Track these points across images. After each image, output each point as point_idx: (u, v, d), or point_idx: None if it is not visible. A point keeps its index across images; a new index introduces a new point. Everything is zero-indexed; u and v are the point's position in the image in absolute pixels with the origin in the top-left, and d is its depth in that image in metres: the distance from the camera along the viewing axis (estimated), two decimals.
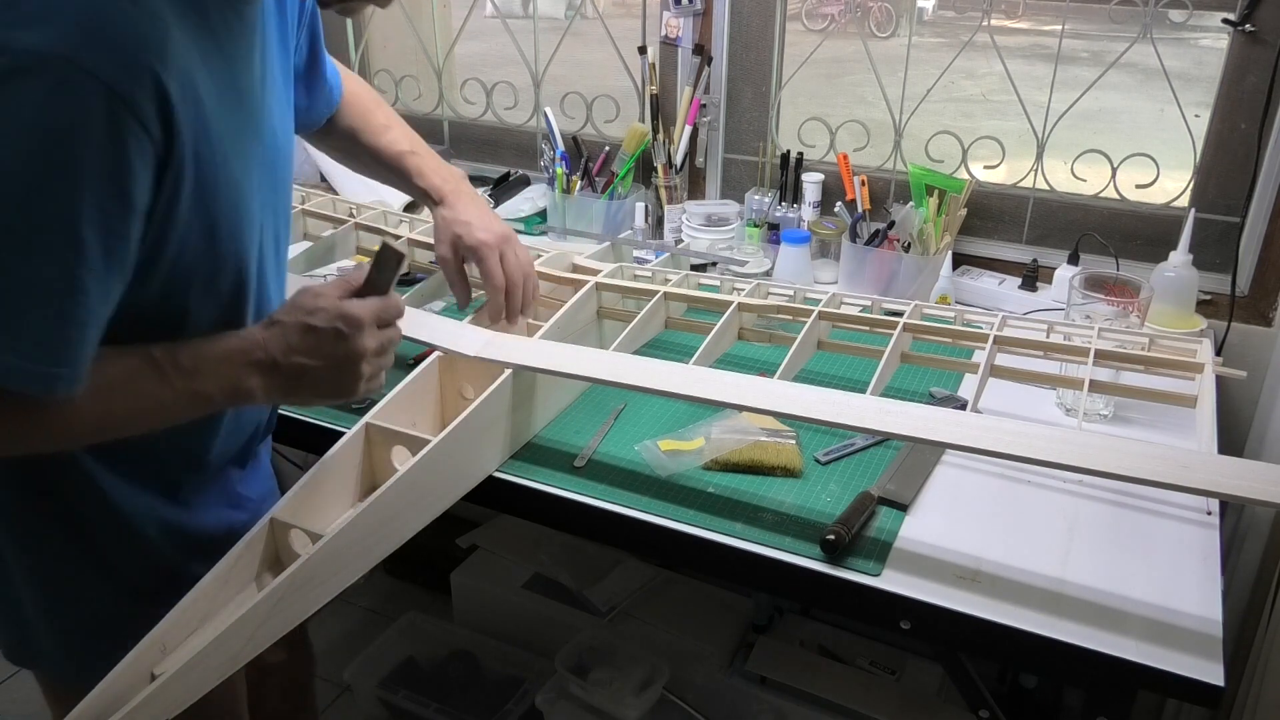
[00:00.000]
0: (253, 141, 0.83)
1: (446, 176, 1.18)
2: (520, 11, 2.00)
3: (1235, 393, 1.45)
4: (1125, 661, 0.82)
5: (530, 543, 1.97)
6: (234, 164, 0.79)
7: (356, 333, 0.83)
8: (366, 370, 0.85)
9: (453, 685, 1.85)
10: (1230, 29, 1.43)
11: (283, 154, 0.91)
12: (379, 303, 0.85)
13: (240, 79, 0.80)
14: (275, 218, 0.90)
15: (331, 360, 0.83)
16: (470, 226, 1.13)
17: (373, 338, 0.85)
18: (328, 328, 0.82)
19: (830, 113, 1.77)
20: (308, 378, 0.83)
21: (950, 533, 0.99)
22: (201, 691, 0.75)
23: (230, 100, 0.78)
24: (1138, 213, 1.59)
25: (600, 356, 1.08)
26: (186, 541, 0.93)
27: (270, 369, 0.82)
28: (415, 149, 1.18)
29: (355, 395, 0.87)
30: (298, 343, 0.82)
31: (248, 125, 0.82)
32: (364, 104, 1.18)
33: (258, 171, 0.84)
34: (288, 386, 0.83)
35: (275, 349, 0.82)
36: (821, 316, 1.18)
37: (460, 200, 1.16)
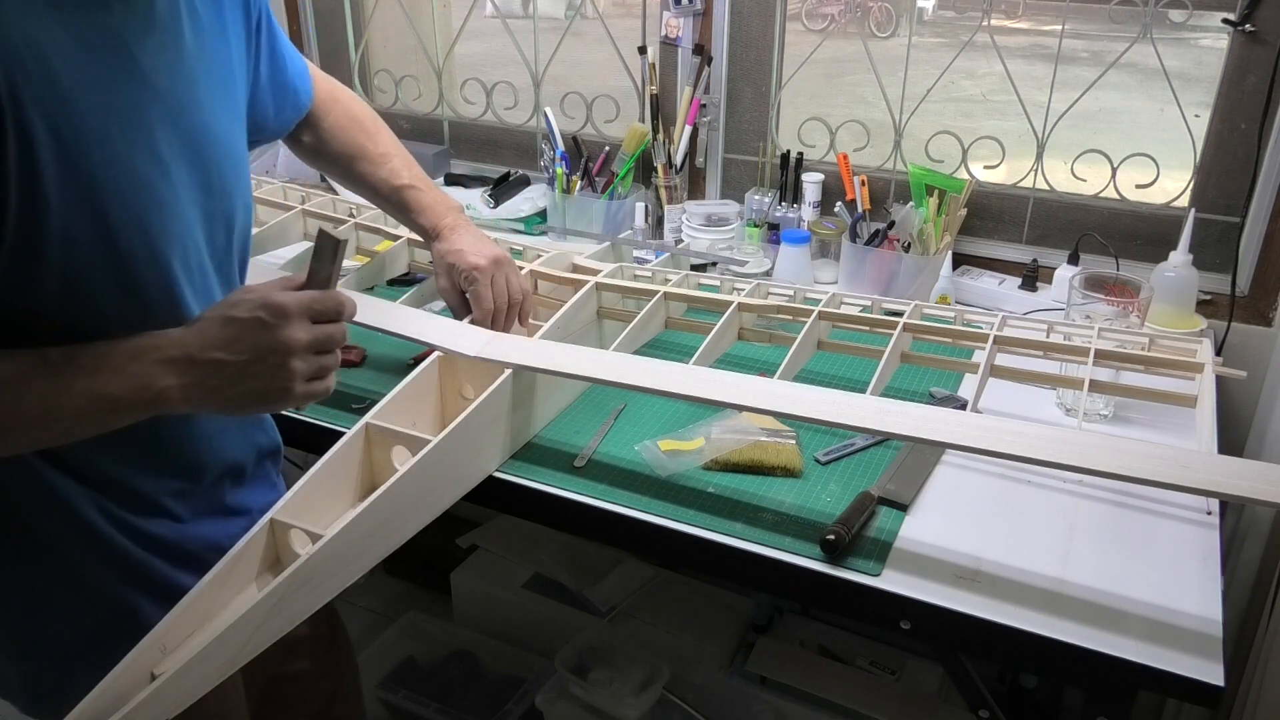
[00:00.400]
0: (164, 128, 0.78)
1: (443, 212, 1.17)
2: (520, 11, 2.00)
3: (1235, 393, 1.45)
4: (1125, 661, 0.82)
5: (530, 543, 1.97)
6: (125, 148, 0.74)
7: (282, 322, 0.77)
8: (299, 366, 0.78)
9: (453, 685, 1.85)
10: (1230, 29, 1.43)
11: (217, 152, 0.85)
12: (312, 294, 0.80)
13: (133, 59, 0.76)
14: (213, 222, 0.86)
15: (254, 353, 0.77)
16: (463, 253, 1.13)
17: (302, 330, 0.78)
18: (249, 317, 0.76)
19: (830, 113, 1.77)
20: (230, 375, 0.76)
21: (950, 533, 0.99)
22: (202, 691, 0.75)
23: (116, 79, 0.74)
24: (1138, 213, 1.59)
25: (600, 356, 1.08)
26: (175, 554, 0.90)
27: (186, 366, 0.75)
28: (415, 182, 1.17)
29: (291, 397, 0.80)
30: (216, 336, 0.76)
31: (150, 109, 0.77)
32: (365, 130, 1.16)
33: (178, 164, 0.80)
34: (209, 387, 0.77)
35: (191, 344, 0.76)
36: (821, 316, 1.18)
37: (455, 233, 1.16)
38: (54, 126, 0.69)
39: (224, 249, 0.90)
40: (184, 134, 0.81)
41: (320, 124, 1.15)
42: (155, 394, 0.75)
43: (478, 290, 1.13)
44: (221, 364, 0.76)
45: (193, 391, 0.76)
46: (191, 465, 0.91)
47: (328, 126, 1.15)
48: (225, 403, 0.79)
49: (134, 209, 0.75)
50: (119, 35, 0.75)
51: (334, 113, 1.15)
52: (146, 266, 0.78)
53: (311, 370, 0.80)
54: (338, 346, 0.83)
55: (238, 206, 0.90)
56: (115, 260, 0.76)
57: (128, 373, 0.74)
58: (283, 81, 1.05)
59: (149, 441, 0.86)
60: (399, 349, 1.31)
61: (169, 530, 0.90)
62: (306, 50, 2.19)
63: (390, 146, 1.18)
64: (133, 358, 0.75)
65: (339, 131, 1.15)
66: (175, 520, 0.91)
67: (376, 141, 1.17)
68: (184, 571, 0.90)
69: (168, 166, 0.78)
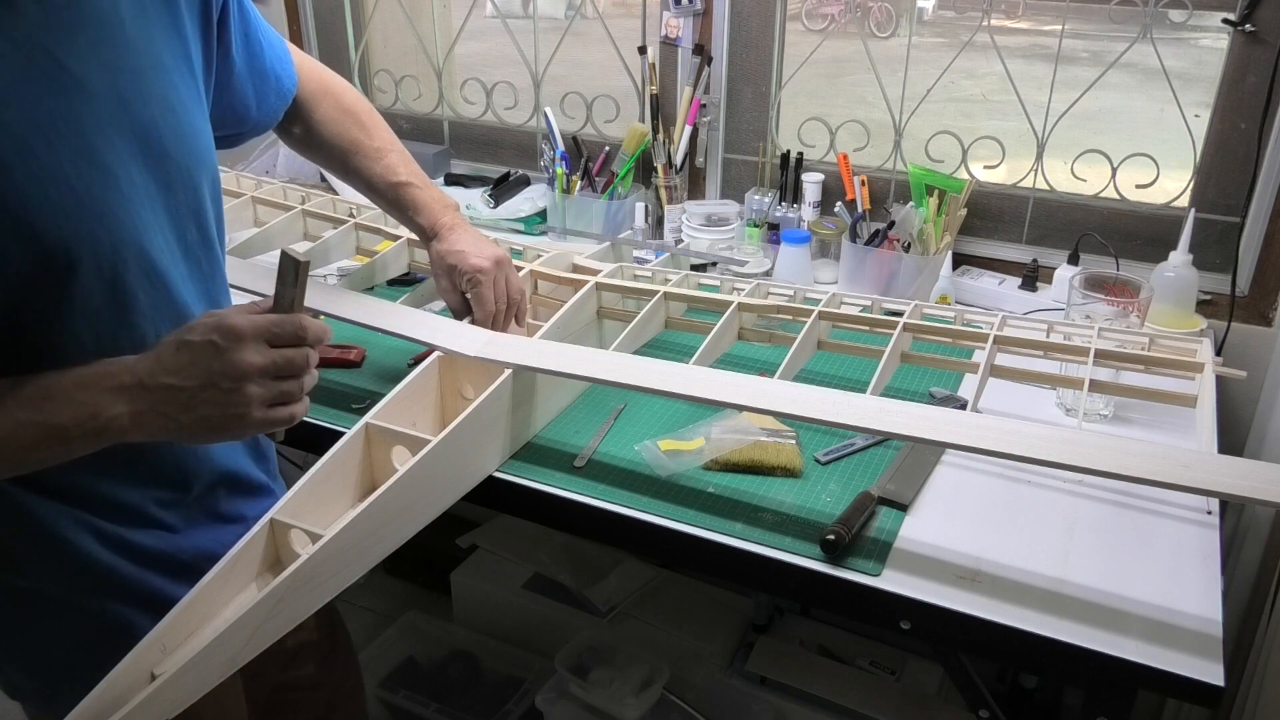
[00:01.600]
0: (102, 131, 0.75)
1: (440, 211, 1.15)
2: (520, 11, 2.00)
3: (1235, 393, 1.45)
4: (1125, 661, 0.82)
5: (530, 543, 1.97)
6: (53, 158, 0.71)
7: (235, 345, 0.74)
8: (254, 392, 0.75)
9: (453, 685, 1.85)
10: (1230, 29, 1.43)
11: (174, 145, 0.81)
12: (270, 317, 0.77)
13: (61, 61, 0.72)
14: (177, 217, 0.83)
15: (207, 378, 0.74)
16: (464, 255, 1.12)
17: (258, 354, 0.75)
18: (201, 340, 0.74)
19: (830, 113, 1.77)
20: (182, 402, 0.74)
21: (950, 533, 0.99)
22: (201, 691, 0.75)
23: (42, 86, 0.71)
24: (1138, 213, 1.59)
25: (600, 356, 1.08)
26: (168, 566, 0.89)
27: (136, 393, 0.73)
28: (412, 179, 1.14)
29: (247, 424, 0.77)
30: (168, 361, 0.74)
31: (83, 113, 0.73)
32: (358, 122, 1.13)
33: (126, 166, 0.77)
34: (161, 414, 0.74)
35: (142, 370, 0.74)
36: (821, 316, 1.18)
37: (454, 233, 1.15)
38: None
39: (199, 242, 0.87)
40: (133, 132, 0.77)
41: (311, 115, 1.12)
42: (104, 422, 0.73)
43: (480, 292, 1.12)
44: (173, 389, 0.74)
45: (144, 419, 0.74)
46: (178, 475, 0.90)
47: (319, 118, 1.12)
48: (178, 430, 0.76)
49: (69, 222, 0.72)
50: (37, 41, 0.71)
51: (325, 104, 1.12)
52: (91, 277, 0.75)
53: (270, 396, 0.77)
54: (301, 372, 0.79)
55: (205, 195, 0.86)
56: (54, 275, 0.73)
57: (76, 402, 0.72)
58: (260, 68, 1.01)
59: (129, 453, 0.83)
60: (399, 349, 1.31)
61: (161, 541, 0.88)
62: (307, 50, 2.19)
63: (386, 141, 1.15)
64: (82, 386, 0.73)
65: (331, 123, 1.12)
66: (167, 530, 0.89)
67: (372, 135, 1.14)
68: (178, 584, 0.87)
69: (112, 171, 0.75)
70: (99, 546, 0.84)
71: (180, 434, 0.77)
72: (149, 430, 0.75)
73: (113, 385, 0.73)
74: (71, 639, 0.87)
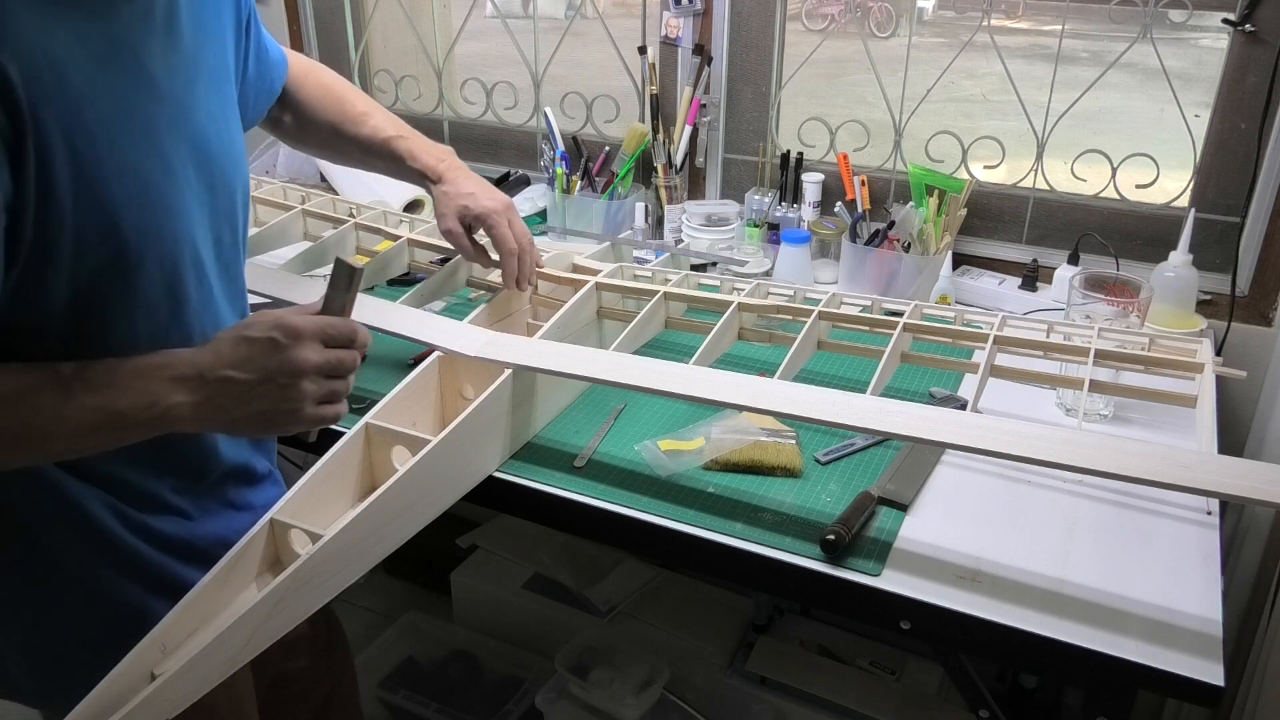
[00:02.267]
0: (170, 132, 0.78)
1: (439, 155, 1.17)
2: (520, 11, 2.00)
3: (1235, 393, 1.45)
4: (1125, 661, 0.82)
5: (530, 543, 1.97)
6: (135, 155, 0.75)
7: (294, 343, 0.77)
8: (310, 389, 0.78)
9: (453, 685, 1.85)
10: (1230, 29, 1.43)
11: (219, 150, 0.86)
12: (327, 319, 0.80)
13: (139, 64, 0.76)
14: (217, 218, 0.86)
15: (265, 373, 0.77)
16: (475, 197, 1.14)
17: (315, 352, 0.78)
18: (262, 337, 0.77)
19: (830, 113, 1.77)
20: (240, 394, 0.76)
21: (950, 533, 0.99)
22: (201, 691, 0.75)
23: (124, 86, 0.74)
24: (1138, 213, 1.59)
25: (600, 356, 1.08)
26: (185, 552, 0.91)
27: (197, 384, 0.76)
28: (401, 132, 1.17)
29: (300, 419, 0.80)
30: (229, 354, 0.77)
31: (156, 114, 0.77)
32: (338, 95, 1.16)
33: (185, 167, 0.80)
34: (219, 405, 0.77)
35: (203, 362, 0.76)
36: (821, 316, 1.18)
37: (458, 175, 1.16)
38: (68, 136, 0.69)
39: (230, 245, 0.90)
40: (189, 136, 0.81)
41: (295, 100, 1.14)
42: (163, 410, 0.75)
43: (500, 232, 1.14)
44: (231, 382, 0.76)
45: (201, 410, 0.77)
46: (195, 465, 0.91)
47: (303, 99, 1.14)
48: (233, 422, 0.79)
49: (144, 216, 0.75)
50: (125, 42, 0.75)
51: (306, 86, 1.14)
52: (155, 270, 0.78)
53: (322, 394, 0.80)
54: (349, 373, 0.83)
55: (239, 203, 0.90)
56: (125, 266, 0.76)
57: (136, 389, 0.75)
58: (265, 72, 1.05)
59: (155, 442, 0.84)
60: (399, 349, 1.30)
61: (178, 528, 0.90)
62: (307, 50, 2.19)
63: (368, 105, 1.17)
64: (142, 375, 0.75)
65: (315, 103, 1.14)
66: (183, 517, 0.91)
67: (354, 103, 1.16)
68: (194, 568, 0.89)
69: (175, 170, 0.79)
70: (123, 530, 0.86)
71: (233, 426, 0.79)
72: (204, 421, 0.78)
73: (173, 375, 0.76)
74: (87, 623, 0.88)
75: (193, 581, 0.83)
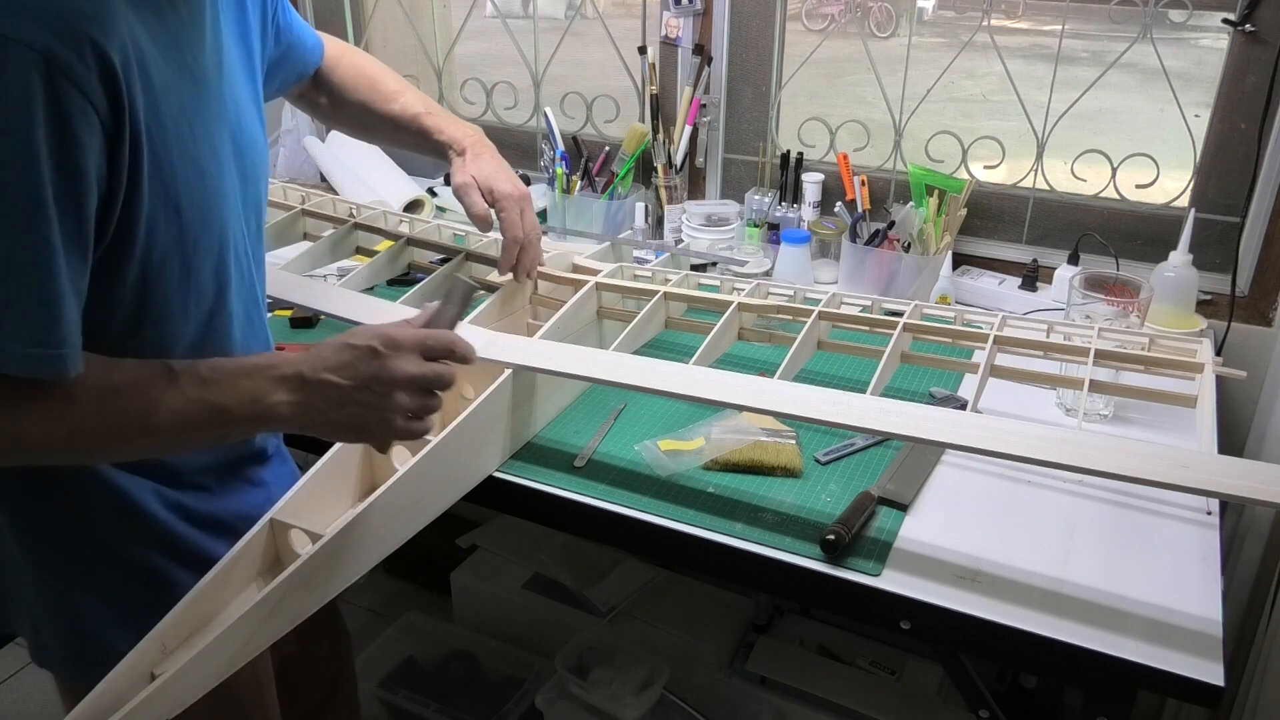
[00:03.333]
0: (217, 124, 0.82)
1: (466, 131, 1.20)
2: (520, 11, 2.00)
3: (1235, 393, 1.45)
4: (1125, 661, 0.82)
5: (530, 543, 1.97)
6: (194, 145, 0.78)
7: (394, 353, 0.79)
8: (404, 400, 0.80)
9: (453, 685, 1.85)
10: (1230, 29, 1.43)
11: (250, 141, 0.90)
12: (427, 331, 0.83)
13: (194, 60, 0.80)
14: (248, 206, 0.90)
15: (363, 380, 0.78)
16: (497, 175, 1.16)
17: (413, 364, 0.80)
18: (363, 345, 0.79)
19: (830, 113, 1.77)
20: (339, 399, 0.78)
21: (950, 533, 0.99)
22: (201, 691, 0.75)
23: (184, 80, 0.78)
24: (1138, 213, 1.59)
25: (600, 356, 1.08)
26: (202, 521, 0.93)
27: (298, 385, 0.78)
28: (430, 109, 1.20)
29: (391, 429, 0.81)
30: (330, 359, 0.79)
31: (207, 107, 0.81)
32: (370, 76, 1.20)
33: (228, 157, 0.84)
34: (317, 408, 0.79)
35: (304, 365, 0.79)
36: (821, 316, 1.18)
37: (484, 151, 1.18)
38: (149, 127, 0.73)
39: (255, 231, 0.94)
40: (229, 127, 0.85)
41: (331, 85, 1.20)
42: (265, 408, 0.77)
43: (510, 218, 1.15)
44: (330, 385, 0.78)
45: (298, 410, 0.79)
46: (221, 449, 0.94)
47: (336, 81, 1.20)
48: (327, 425, 0.80)
49: (200, 202, 0.80)
50: (181, 38, 0.79)
51: (340, 68, 1.20)
52: (206, 258, 0.82)
53: (415, 406, 0.81)
54: (445, 388, 0.83)
55: (263, 192, 0.95)
56: (184, 251, 0.80)
57: (241, 387, 0.77)
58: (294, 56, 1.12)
59: None
60: None
61: (204, 503, 0.92)
62: None
63: (399, 85, 1.22)
64: (246, 373, 0.78)
65: (348, 83, 1.20)
66: (208, 492, 0.93)
67: (386, 83, 1.21)
68: (218, 540, 0.92)
69: (221, 160, 0.83)
70: (159, 505, 0.89)
71: (328, 429, 0.81)
72: (302, 422, 0.80)
73: (276, 375, 0.78)
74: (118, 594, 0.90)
75: (217, 553, 0.86)
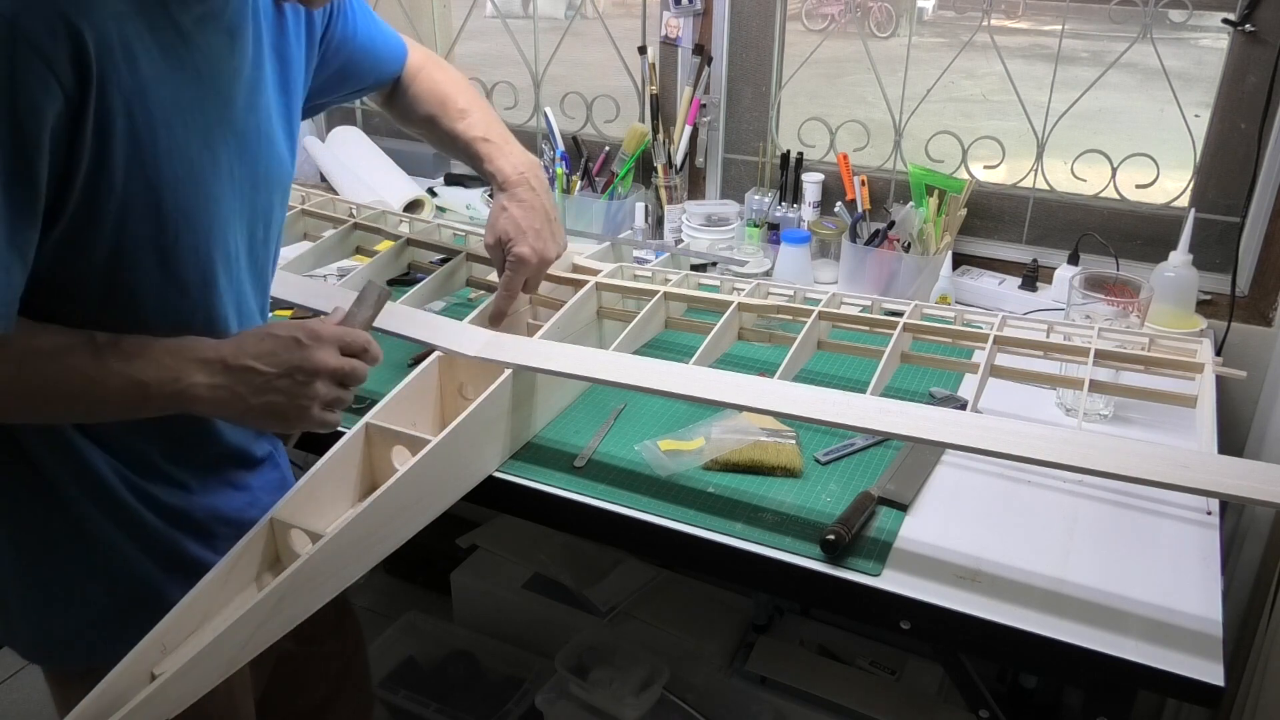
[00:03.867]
0: (220, 128, 0.83)
1: (518, 165, 1.18)
2: (520, 11, 2.00)
3: (1235, 393, 1.45)
4: (1125, 661, 0.82)
5: (530, 543, 1.97)
6: (186, 141, 0.79)
7: (316, 344, 0.84)
8: (322, 390, 0.84)
9: (453, 685, 1.85)
10: (1230, 29, 1.43)
11: (266, 152, 0.90)
12: (347, 328, 0.88)
13: (204, 61, 0.80)
14: (254, 219, 0.91)
15: (285, 368, 0.83)
16: (523, 236, 1.13)
17: (333, 357, 0.85)
18: (287, 335, 0.83)
19: (830, 113, 1.77)
20: (259, 385, 0.82)
21: (950, 533, 0.99)
22: (202, 691, 0.75)
23: (185, 78, 0.78)
24: (1138, 213, 1.59)
25: (600, 356, 1.08)
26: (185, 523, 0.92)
27: (218, 368, 0.81)
28: (490, 135, 1.20)
29: (307, 418, 0.85)
30: (253, 346, 0.83)
31: (211, 109, 0.82)
32: (442, 92, 1.21)
33: (233, 165, 0.85)
34: (234, 392, 0.82)
35: (228, 350, 0.82)
36: (821, 316, 1.18)
37: (527, 197, 1.16)
38: (130, 113, 0.74)
39: (262, 242, 0.94)
40: (238, 134, 0.85)
41: (405, 95, 1.22)
42: (183, 388, 0.80)
43: (511, 282, 1.15)
44: (252, 372, 0.82)
45: (218, 393, 0.81)
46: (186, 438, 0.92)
47: (412, 93, 1.22)
48: (245, 411, 0.83)
49: (185, 198, 0.80)
50: (192, 38, 0.79)
51: (418, 80, 1.22)
52: (188, 253, 0.82)
53: (330, 397, 0.86)
54: (359, 383, 0.88)
55: (276, 204, 0.95)
56: (161, 243, 0.80)
57: (162, 364, 0.80)
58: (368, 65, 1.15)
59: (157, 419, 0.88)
60: (399, 349, 1.30)
61: (177, 498, 0.92)
62: None
63: (470, 103, 1.22)
64: (170, 352, 0.81)
65: (421, 96, 1.21)
66: (183, 489, 0.93)
67: (456, 100, 1.21)
68: (190, 539, 0.92)
69: (220, 163, 0.83)
70: (127, 492, 0.89)
71: (245, 415, 0.84)
72: (218, 405, 0.83)
73: (198, 357, 0.81)
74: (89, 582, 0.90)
75: (188, 552, 0.88)
